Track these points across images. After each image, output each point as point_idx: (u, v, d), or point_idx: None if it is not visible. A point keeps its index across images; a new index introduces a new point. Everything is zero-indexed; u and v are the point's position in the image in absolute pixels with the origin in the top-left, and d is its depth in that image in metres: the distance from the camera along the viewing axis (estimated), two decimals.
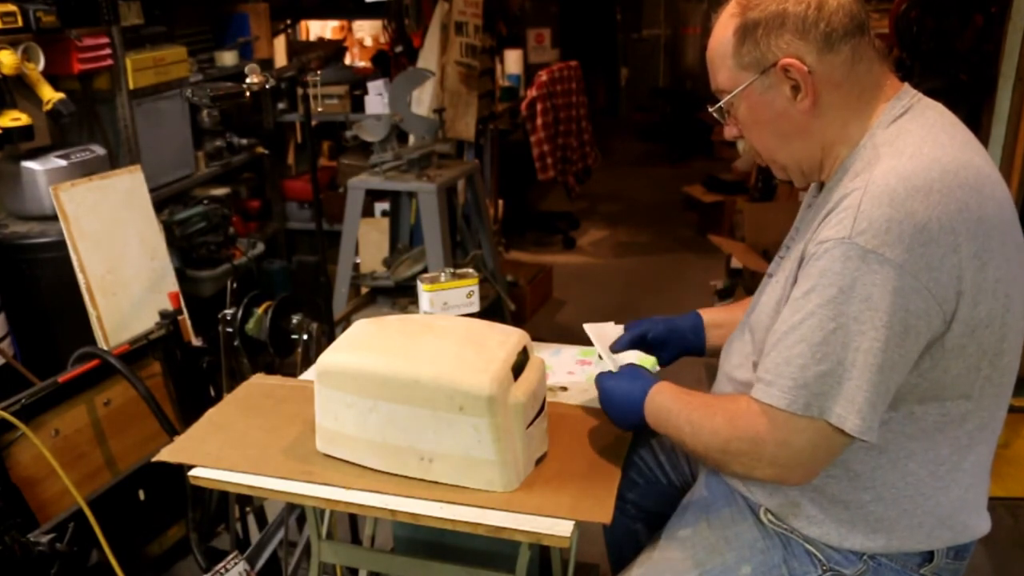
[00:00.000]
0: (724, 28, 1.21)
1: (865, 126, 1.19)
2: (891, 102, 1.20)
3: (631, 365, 1.43)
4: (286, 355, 2.08)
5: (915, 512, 1.21)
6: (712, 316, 1.59)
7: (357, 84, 4.08)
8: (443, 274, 1.78)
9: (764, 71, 1.18)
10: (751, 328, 1.34)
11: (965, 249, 1.08)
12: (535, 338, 1.45)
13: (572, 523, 1.22)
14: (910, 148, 1.13)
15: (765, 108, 1.21)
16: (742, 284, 3.79)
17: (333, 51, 4.60)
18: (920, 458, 1.18)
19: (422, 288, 1.76)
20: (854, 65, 1.17)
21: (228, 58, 3.69)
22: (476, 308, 1.78)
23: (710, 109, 1.28)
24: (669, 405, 1.29)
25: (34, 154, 2.67)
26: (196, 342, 2.39)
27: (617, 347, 1.53)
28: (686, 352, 1.58)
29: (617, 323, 1.59)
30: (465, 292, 1.77)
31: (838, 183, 1.18)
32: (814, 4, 1.15)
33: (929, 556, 1.24)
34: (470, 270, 1.74)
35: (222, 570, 1.80)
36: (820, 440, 1.12)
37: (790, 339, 1.12)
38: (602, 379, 1.39)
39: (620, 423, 1.37)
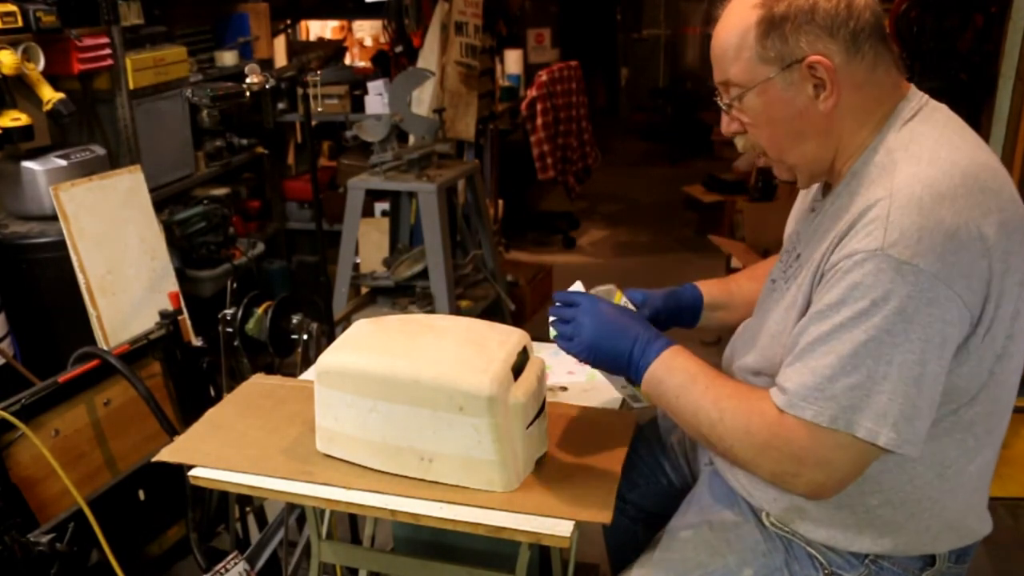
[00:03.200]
0: (741, 18, 1.15)
1: (876, 129, 1.17)
2: (900, 104, 1.18)
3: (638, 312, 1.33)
4: (286, 355, 2.08)
5: (922, 515, 1.20)
6: (712, 296, 1.54)
7: (357, 84, 4.08)
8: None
9: (787, 67, 1.14)
10: (754, 333, 1.32)
11: (994, 253, 1.07)
12: (535, 338, 1.45)
13: (572, 523, 1.22)
14: (927, 153, 1.11)
15: (784, 106, 1.16)
16: None
17: (333, 51, 4.60)
18: (928, 461, 1.17)
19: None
20: (875, 67, 1.15)
21: (228, 58, 3.69)
22: None
23: (721, 103, 1.22)
24: (694, 370, 1.21)
25: (34, 154, 2.67)
26: (196, 342, 2.39)
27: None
28: (675, 326, 1.54)
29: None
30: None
31: (853, 190, 1.15)
32: (844, 3, 1.12)
33: (931, 560, 1.23)
34: (611, 286, 1.50)
35: (222, 570, 1.80)
36: (859, 456, 1.10)
37: (818, 351, 1.09)
38: (597, 302, 1.31)
39: (601, 359, 1.28)
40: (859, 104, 1.16)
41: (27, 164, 2.62)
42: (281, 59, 4.31)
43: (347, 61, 4.85)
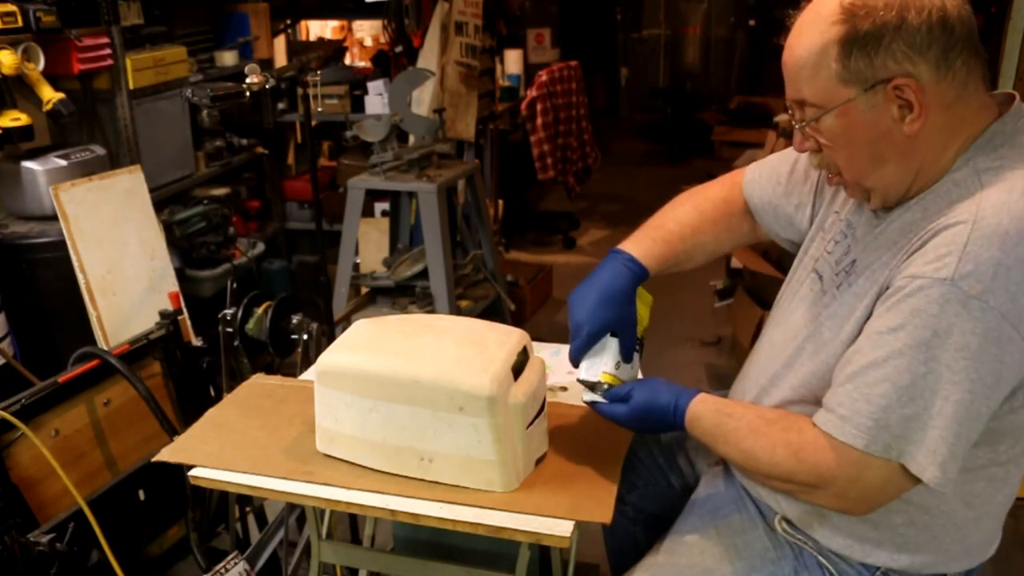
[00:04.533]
0: (820, 35, 1.07)
1: (961, 150, 1.09)
2: (997, 123, 1.10)
3: (648, 380, 1.30)
4: (286, 355, 2.08)
5: (944, 539, 1.19)
6: (658, 265, 1.40)
7: (357, 84, 4.08)
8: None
9: (870, 88, 1.06)
10: (799, 340, 1.25)
11: None
12: (535, 338, 1.44)
13: (572, 523, 1.21)
14: (1021, 183, 1.04)
15: (866, 128, 1.08)
16: (742, 284, 3.79)
17: (333, 51, 4.60)
18: (959, 490, 1.14)
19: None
20: (966, 84, 1.07)
21: (228, 58, 3.69)
22: None
23: (796, 126, 1.15)
24: (710, 428, 1.21)
25: (34, 154, 2.67)
26: (196, 342, 2.39)
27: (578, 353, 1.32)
28: None
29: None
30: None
31: (928, 205, 1.10)
32: (936, 17, 1.03)
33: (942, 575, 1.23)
34: (601, 381, 1.32)
35: (222, 570, 1.80)
36: (893, 478, 1.07)
37: (871, 376, 1.05)
38: (619, 408, 1.28)
39: (649, 430, 1.32)
40: (946, 124, 1.08)
41: (27, 164, 2.62)
42: (281, 59, 4.31)
43: (347, 61, 4.85)
